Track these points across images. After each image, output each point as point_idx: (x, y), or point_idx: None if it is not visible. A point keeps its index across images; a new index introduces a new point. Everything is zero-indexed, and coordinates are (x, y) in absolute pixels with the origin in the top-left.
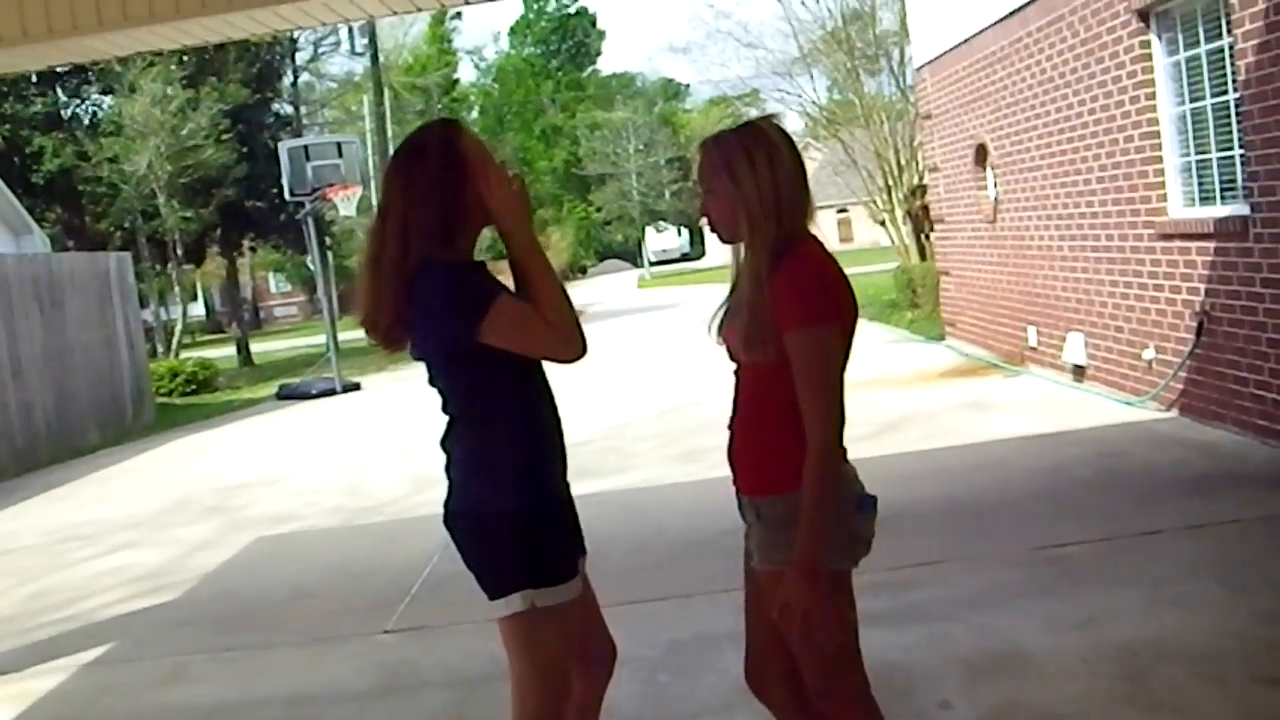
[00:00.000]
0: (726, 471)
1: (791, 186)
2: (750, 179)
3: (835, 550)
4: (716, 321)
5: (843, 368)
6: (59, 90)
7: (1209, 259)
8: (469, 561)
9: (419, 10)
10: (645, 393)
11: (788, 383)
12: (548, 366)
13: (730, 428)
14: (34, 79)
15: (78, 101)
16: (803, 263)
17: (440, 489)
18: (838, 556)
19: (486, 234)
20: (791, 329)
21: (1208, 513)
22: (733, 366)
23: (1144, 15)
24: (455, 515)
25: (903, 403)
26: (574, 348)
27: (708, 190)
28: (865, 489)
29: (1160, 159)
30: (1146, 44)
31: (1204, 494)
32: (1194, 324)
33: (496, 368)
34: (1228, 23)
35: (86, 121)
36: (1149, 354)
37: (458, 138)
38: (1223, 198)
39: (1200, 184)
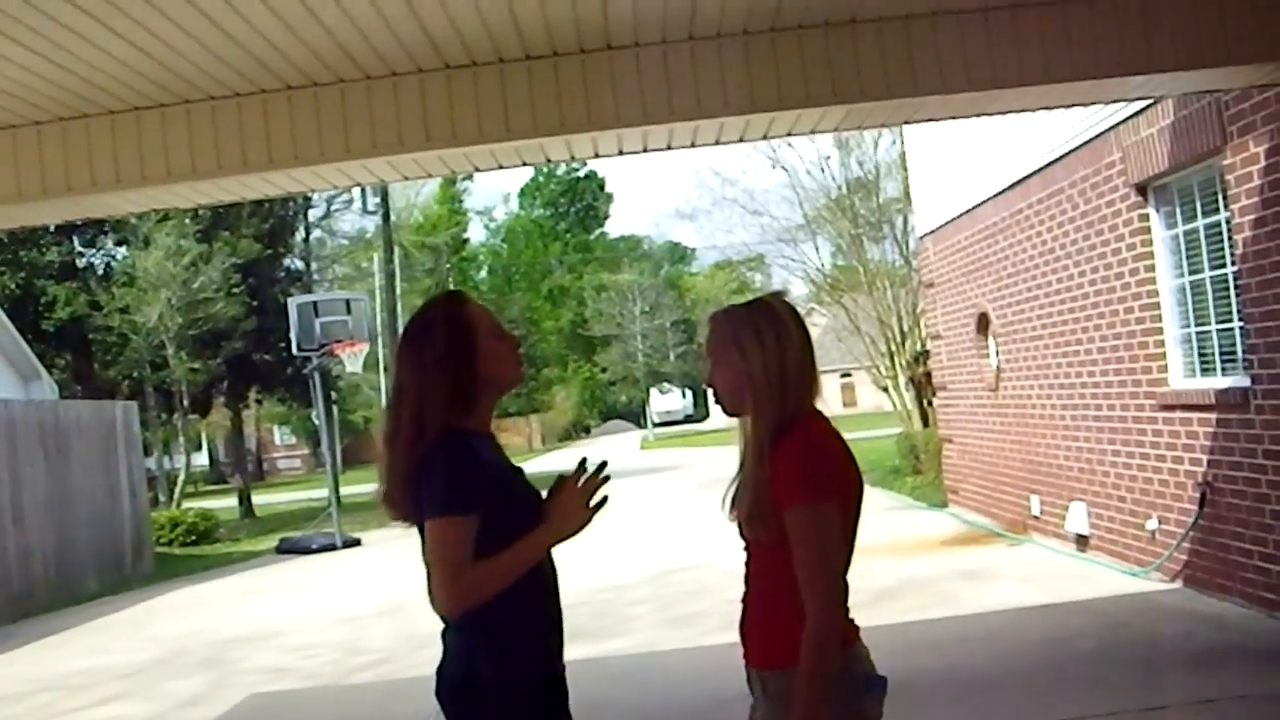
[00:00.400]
0: (723, 638)
1: (798, 363)
2: (758, 356)
3: None
4: (729, 498)
5: (846, 546)
6: (74, 240)
7: (1211, 430)
8: None
9: (429, 176)
10: (643, 555)
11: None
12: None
13: (743, 602)
14: (50, 228)
15: (92, 251)
16: (803, 440)
17: (437, 649)
18: None
19: None
20: (789, 506)
21: (1215, 688)
22: (742, 546)
23: (1142, 189)
24: (445, 684)
25: (904, 570)
26: (443, 602)
27: (715, 362)
28: (875, 669)
29: (1161, 330)
30: (1145, 217)
31: (1210, 668)
32: (1197, 495)
33: (491, 537)
34: (1224, 198)
35: (100, 271)
36: (1152, 524)
37: (462, 309)
38: (1223, 369)
39: (1201, 355)
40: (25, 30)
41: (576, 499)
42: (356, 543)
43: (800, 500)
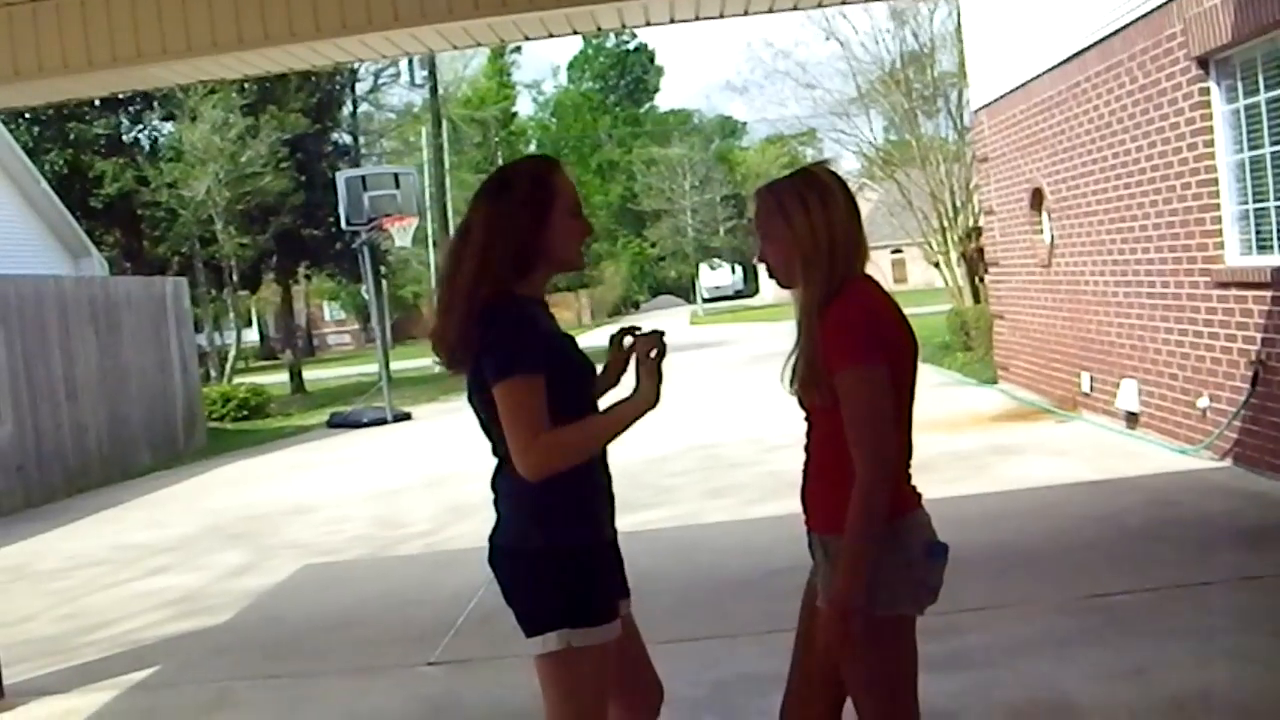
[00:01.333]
0: (764, 510)
1: (845, 228)
2: (804, 222)
3: (899, 593)
4: (788, 370)
5: (900, 406)
6: (121, 115)
7: (1265, 308)
8: (508, 597)
9: (477, 45)
10: (690, 429)
11: None
12: (601, 403)
13: (804, 469)
14: (96, 104)
15: (139, 127)
16: (851, 302)
17: (486, 520)
18: (901, 599)
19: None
20: (838, 369)
21: (1262, 565)
22: (803, 415)
23: (1203, 62)
24: (498, 551)
25: (954, 446)
26: (526, 466)
27: (764, 236)
28: (936, 535)
29: (1218, 206)
30: (1206, 91)
31: (1258, 545)
32: (1249, 373)
33: (555, 403)
34: None
35: (147, 147)
36: (1203, 402)
37: (551, 175)
38: None
39: (1258, 232)
40: None
41: (648, 373)
42: (407, 417)
43: (849, 362)
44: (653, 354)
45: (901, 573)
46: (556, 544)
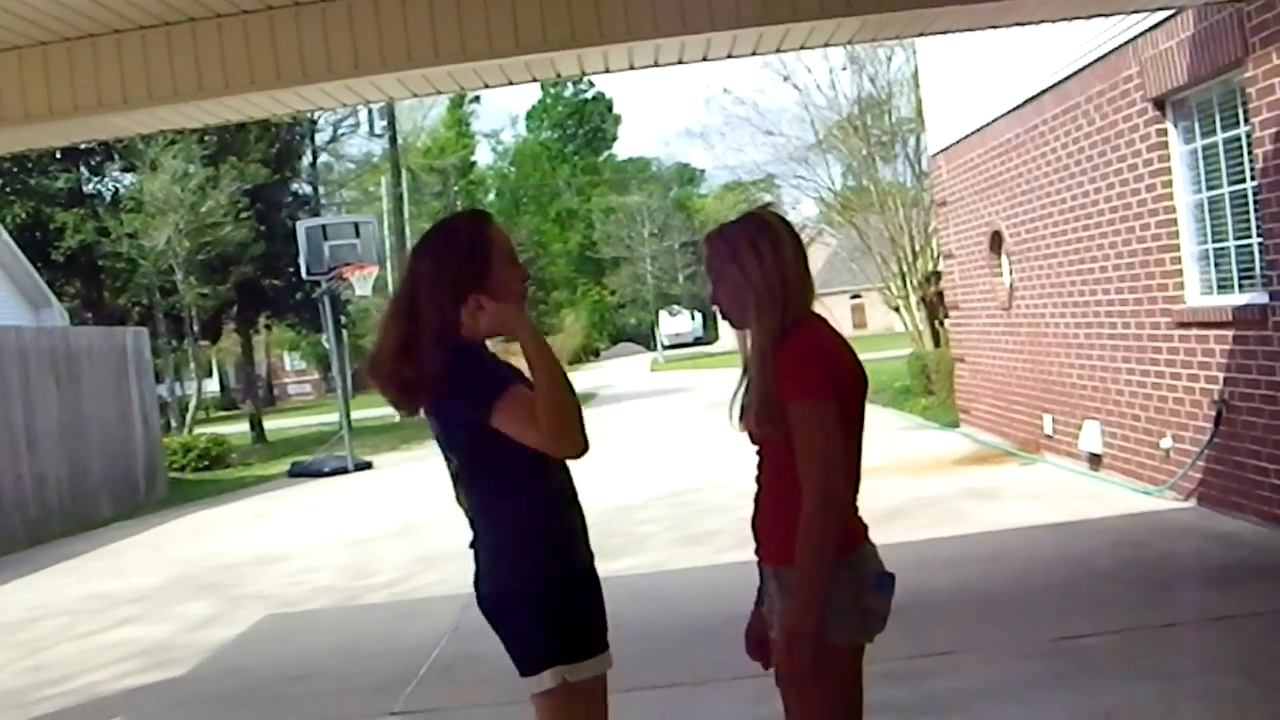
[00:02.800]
0: (736, 556)
1: (795, 270)
2: (756, 267)
3: (849, 623)
4: (737, 407)
5: (851, 440)
6: (82, 167)
7: (1227, 347)
8: (504, 641)
9: (438, 93)
10: (655, 476)
11: None
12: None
13: (755, 501)
14: (58, 155)
15: (99, 178)
16: (805, 340)
17: (448, 569)
18: (851, 629)
19: None
20: (791, 401)
21: (1230, 605)
22: (754, 448)
23: (1160, 104)
24: (485, 599)
25: (916, 489)
26: (565, 446)
27: (717, 279)
28: (883, 566)
29: (1177, 247)
30: (1163, 132)
31: (1225, 586)
32: (1212, 413)
33: (517, 445)
34: (1244, 111)
35: (108, 198)
36: (1167, 443)
37: (486, 227)
38: (1241, 286)
39: (1218, 272)
40: None
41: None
42: (368, 466)
43: (801, 396)
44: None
45: (852, 603)
46: (538, 582)
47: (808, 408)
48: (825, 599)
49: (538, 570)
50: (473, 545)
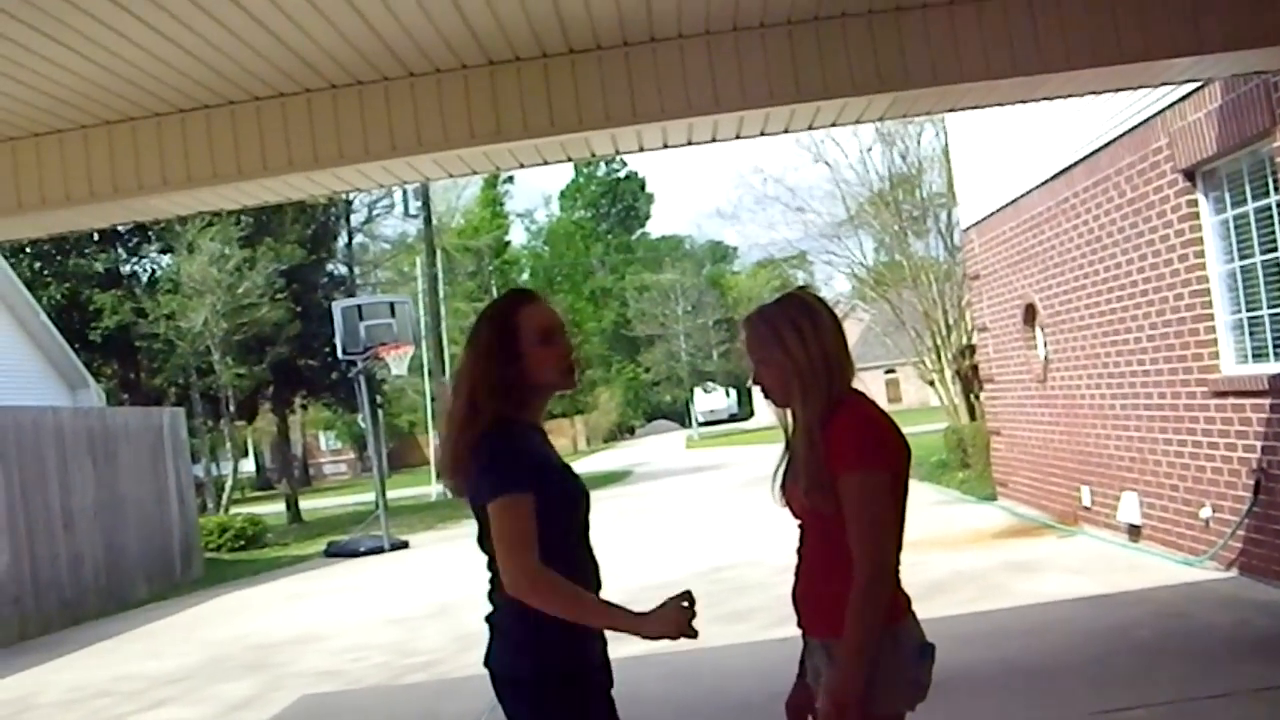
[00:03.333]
0: (776, 633)
1: (836, 348)
2: (800, 348)
3: (894, 692)
4: (777, 482)
5: (898, 511)
6: (119, 248)
7: (1264, 415)
8: None
9: (473, 173)
10: (691, 553)
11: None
12: (592, 520)
13: (796, 573)
14: (95, 237)
15: (137, 260)
16: (853, 414)
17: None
18: (897, 698)
19: None
20: (843, 473)
21: (1274, 676)
22: (795, 523)
23: (1190, 175)
24: (493, 677)
25: (955, 564)
26: (513, 585)
27: (759, 361)
28: (925, 637)
29: (1211, 316)
30: (1194, 203)
31: (1270, 656)
32: (1251, 481)
33: (540, 522)
34: (1275, 180)
35: (145, 279)
36: (1206, 512)
37: (513, 311)
38: (1276, 354)
39: (1253, 340)
40: (71, 33)
41: (677, 617)
42: (404, 545)
43: (854, 467)
44: (685, 607)
45: (897, 674)
46: (545, 672)
47: (861, 479)
48: (871, 669)
49: (540, 660)
50: (487, 619)
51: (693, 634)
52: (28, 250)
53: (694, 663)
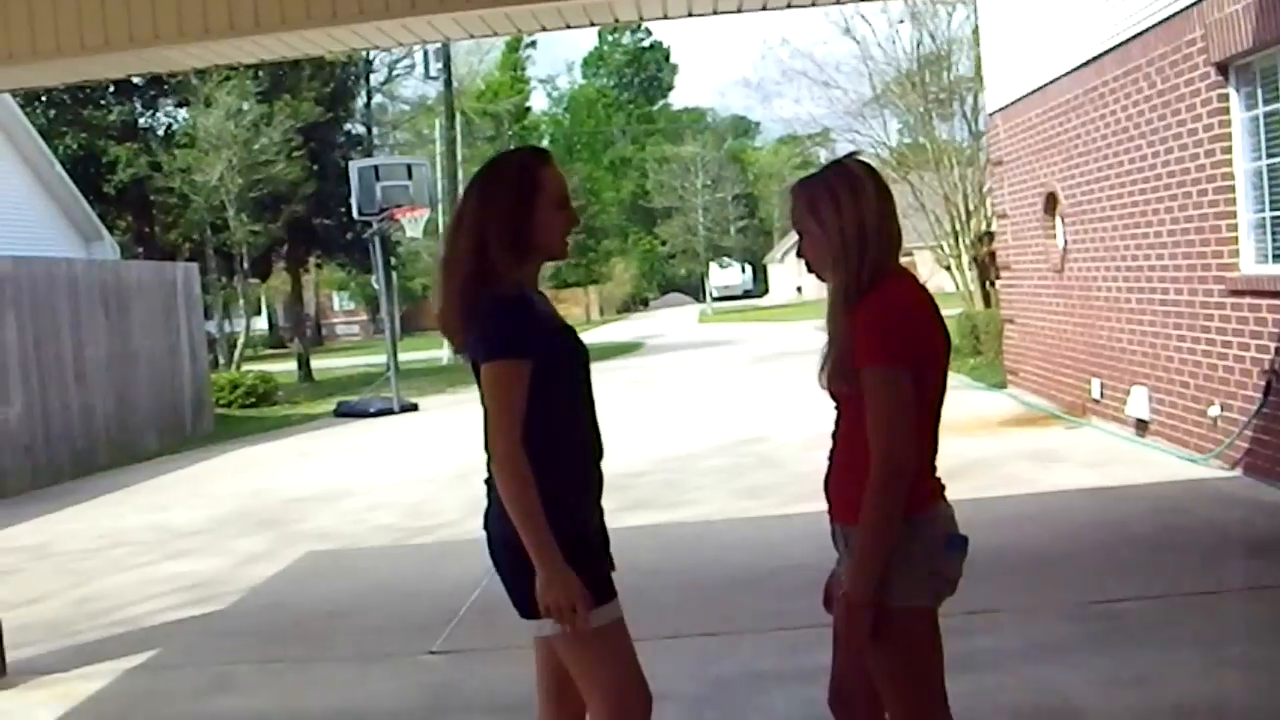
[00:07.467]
0: (787, 509)
1: (877, 224)
2: (834, 218)
3: (916, 584)
4: (820, 364)
5: (930, 404)
6: (136, 101)
7: None
8: (503, 582)
9: (494, 35)
10: (705, 427)
11: None
12: (596, 391)
13: (830, 457)
14: (111, 89)
15: (153, 113)
16: (884, 301)
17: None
18: (917, 591)
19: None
20: (863, 365)
21: (1272, 575)
22: (833, 405)
23: (1223, 69)
24: (490, 538)
25: (962, 450)
26: (493, 449)
27: (800, 232)
28: (957, 528)
29: (1234, 214)
30: (1225, 97)
31: (1269, 555)
32: (1262, 382)
33: (537, 392)
34: None
35: (161, 133)
36: (1215, 411)
37: (539, 167)
38: None
39: (1274, 241)
40: None
41: (571, 601)
42: (414, 407)
43: (873, 361)
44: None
45: (917, 565)
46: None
47: (879, 374)
48: (886, 566)
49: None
50: (486, 481)
51: (573, 626)
52: (42, 99)
53: (697, 534)
